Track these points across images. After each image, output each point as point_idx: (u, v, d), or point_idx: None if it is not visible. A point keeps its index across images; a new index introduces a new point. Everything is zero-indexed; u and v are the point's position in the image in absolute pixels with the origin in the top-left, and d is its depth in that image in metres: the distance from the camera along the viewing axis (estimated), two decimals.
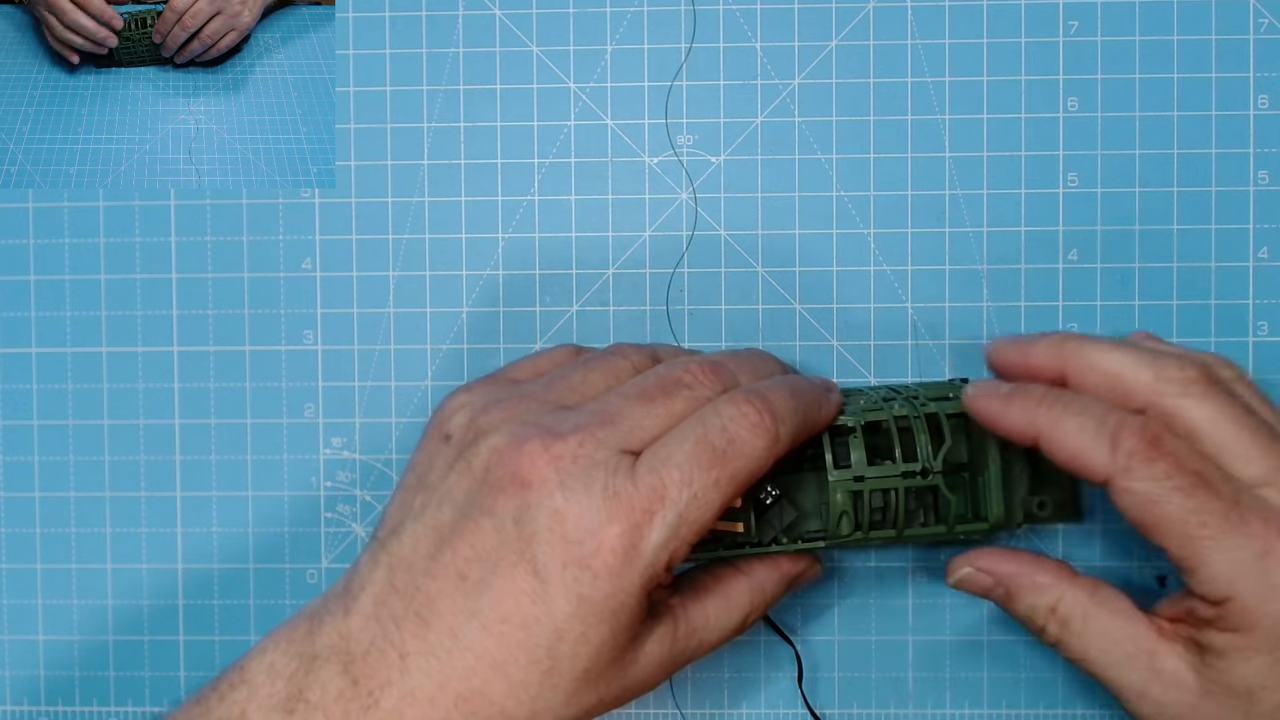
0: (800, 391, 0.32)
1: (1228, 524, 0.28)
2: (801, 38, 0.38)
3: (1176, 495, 0.28)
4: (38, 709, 0.39)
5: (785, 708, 0.38)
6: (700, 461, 0.29)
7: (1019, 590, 0.32)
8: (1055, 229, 0.38)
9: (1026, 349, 0.32)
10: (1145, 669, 0.30)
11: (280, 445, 0.39)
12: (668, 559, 0.29)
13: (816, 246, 0.38)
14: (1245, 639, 0.28)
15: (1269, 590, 0.28)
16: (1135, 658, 0.30)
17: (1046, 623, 0.31)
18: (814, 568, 0.34)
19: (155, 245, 0.39)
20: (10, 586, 0.39)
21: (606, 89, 0.38)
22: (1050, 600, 0.31)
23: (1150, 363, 0.30)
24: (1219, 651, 0.29)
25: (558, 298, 0.38)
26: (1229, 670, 0.29)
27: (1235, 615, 0.28)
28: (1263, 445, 0.29)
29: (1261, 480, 0.29)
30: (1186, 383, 0.30)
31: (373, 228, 0.38)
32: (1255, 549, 0.28)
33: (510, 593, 0.28)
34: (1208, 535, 0.28)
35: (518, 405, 0.31)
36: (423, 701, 0.28)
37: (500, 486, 0.29)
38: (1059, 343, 0.31)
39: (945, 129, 0.38)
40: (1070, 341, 0.31)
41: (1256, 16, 0.37)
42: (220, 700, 0.29)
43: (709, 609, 0.32)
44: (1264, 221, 0.37)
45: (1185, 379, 0.30)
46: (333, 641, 0.29)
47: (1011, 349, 0.32)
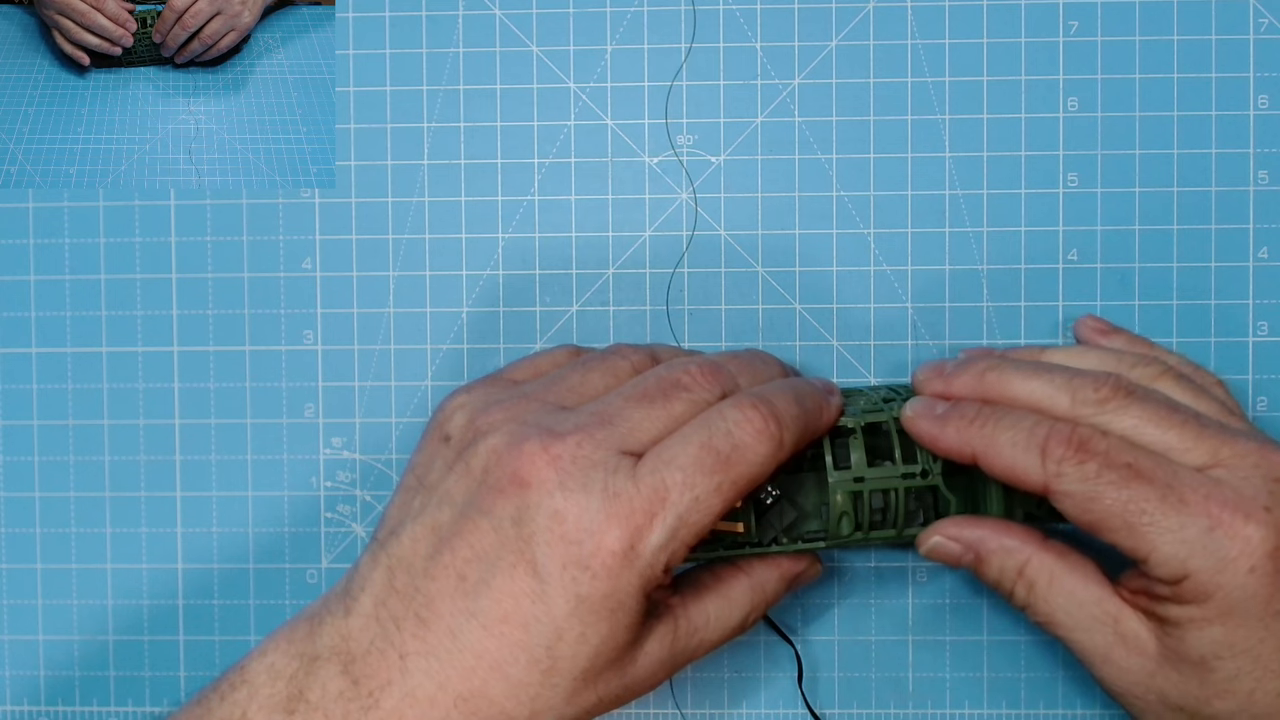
0: (804, 396, 0.32)
1: (1166, 506, 0.29)
2: (801, 38, 0.38)
3: (1110, 490, 0.29)
4: (38, 709, 0.39)
5: (785, 708, 0.38)
6: (703, 465, 0.29)
7: (988, 554, 0.32)
8: (1055, 229, 0.38)
9: (950, 380, 0.33)
10: (1111, 633, 0.31)
11: (280, 445, 0.39)
12: (666, 560, 0.29)
13: (816, 246, 0.38)
14: (1200, 610, 0.29)
15: (1219, 563, 0.29)
16: (1100, 621, 0.31)
17: (1015, 586, 0.32)
18: (814, 567, 0.34)
19: (155, 245, 0.39)
20: (10, 586, 0.39)
21: (606, 89, 0.38)
22: (1018, 562, 0.32)
23: (1065, 386, 0.31)
24: (1175, 623, 0.30)
25: (558, 298, 0.38)
26: (1185, 641, 0.29)
27: (1191, 590, 0.29)
28: (1192, 435, 0.30)
29: (1206, 465, 0.30)
30: (1101, 402, 0.31)
31: (373, 228, 0.38)
32: (1200, 525, 0.29)
33: (509, 593, 0.28)
34: (1148, 522, 0.29)
35: (517, 406, 0.31)
36: (423, 701, 0.28)
37: (499, 487, 0.29)
38: (980, 375, 0.33)
39: (945, 129, 0.38)
40: (991, 373, 0.32)
41: (1256, 16, 0.37)
42: (221, 701, 0.29)
43: (709, 608, 0.32)
44: (1264, 221, 0.37)
45: (1100, 399, 0.31)
46: (333, 642, 0.29)
47: (935, 379, 0.33)
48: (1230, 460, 0.30)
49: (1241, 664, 0.29)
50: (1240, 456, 0.30)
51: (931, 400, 0.33)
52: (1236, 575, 0.28)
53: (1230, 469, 0.30)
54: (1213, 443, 0.30)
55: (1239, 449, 0.30)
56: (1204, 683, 0.30)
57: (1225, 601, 0.29)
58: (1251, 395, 0.37)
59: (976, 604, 0.38)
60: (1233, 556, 0.28)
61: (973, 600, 0.38)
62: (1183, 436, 0.30)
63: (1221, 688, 0.29)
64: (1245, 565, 0.28)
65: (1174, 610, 0.29)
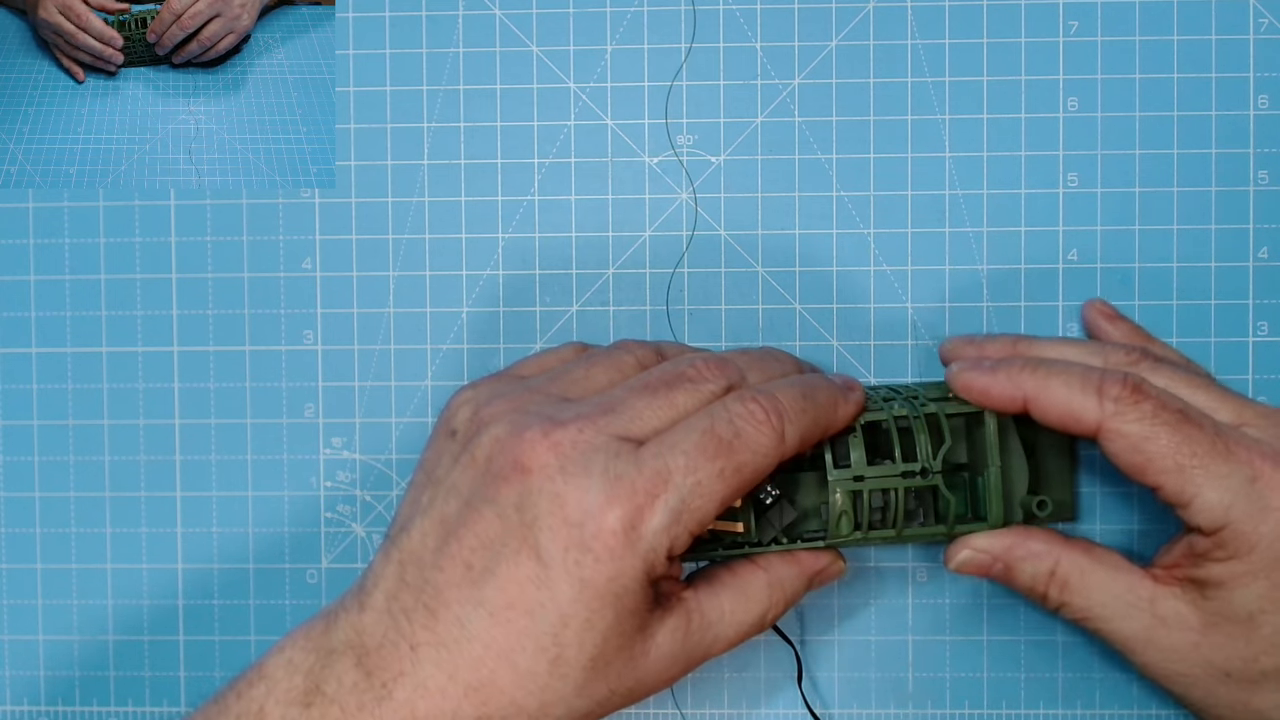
0: (813, 392, 0.32)
1: (1215, 452, 0.30)
2: (801, 38, 0.38)
3: (1164, 431, 0.30)
4: (38, 709, 0.39)
5: (785, 708, 0.38)
6: (706, 450, 0.29)
7: (1017, 562, 0.33)
8: (1055, 229, 0.38)
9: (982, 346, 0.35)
10: (1148, 616, 0.31)
11: (280, 445, 0.39)
12: (669, 544, 0.29)
13: (816, 246, 0.38)
14: (1243, 564, 0.30)
15: (1261, 512, 0.29)
16: (1136, 607, 0.31)
17: (1048, 588, 0.32)
18: (835, 564, 0.34)
19: (155, 245, 0.39)
20: (10, 586, 0.39)
21: (606, 89, 0.38)
22: (1048, 565, 0.32)
23: (1098, 351, 0.33)
24: (1217, 582, 0.30)
25: (558, 298, 0.38)
26: (1229, 599, 0.30)
27: (1231, 541, 0.30)
28: (1217, 396, 0.32)
29: (1235, 423, 0.31)
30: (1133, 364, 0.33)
31: (373, 228, 0.38)
32: (1244, 475, 0.30)
33: (514, 579, 0.28)
34: (1197, 465, 0.30)
35: (520, 398, 0.31)
36: (434, 692, 0.28)
37: (502, 475, 0.29)
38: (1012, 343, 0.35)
39: (945, 129, 0.38)
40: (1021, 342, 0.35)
41: (1256, 16, 0.37)
42: (238, 698, 0.29)
43: (724, 602, 0.32)
44: (1264, 221, 0.37)
45: (1131, 360, 0.33)
46: (348, 636, 0.29)
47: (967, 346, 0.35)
48: (1255, 420, 0.31)
49: None
50: (1263, 416, 0.31)
51: (976, 357, 0.34)
52: (1278, 526, 0.29)
53: (1258, 428, 0.31)
54: (1236, 404, 0.32)
55: (1260, 410, 0.32)
56: (1250, 640, 0.30)
57: (1269, 553, 0.29)
58: (1251, 395, 0.37)
59: (977, 604, 0.38)
60: (1275, 507, 0.29)
61: (973, 600, 0.38)
62: (1210, 397, 0.32)
63: (1270, 642, 0.30)
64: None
65: (1216, 570, 0.30)
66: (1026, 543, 0.33)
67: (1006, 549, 0.33)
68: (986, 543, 0.33)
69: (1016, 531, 0.33)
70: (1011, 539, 0.33)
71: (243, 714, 0.29)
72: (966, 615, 0.38)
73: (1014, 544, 0.33)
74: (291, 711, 0.28)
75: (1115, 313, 0.37)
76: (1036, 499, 0.34)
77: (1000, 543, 0.33)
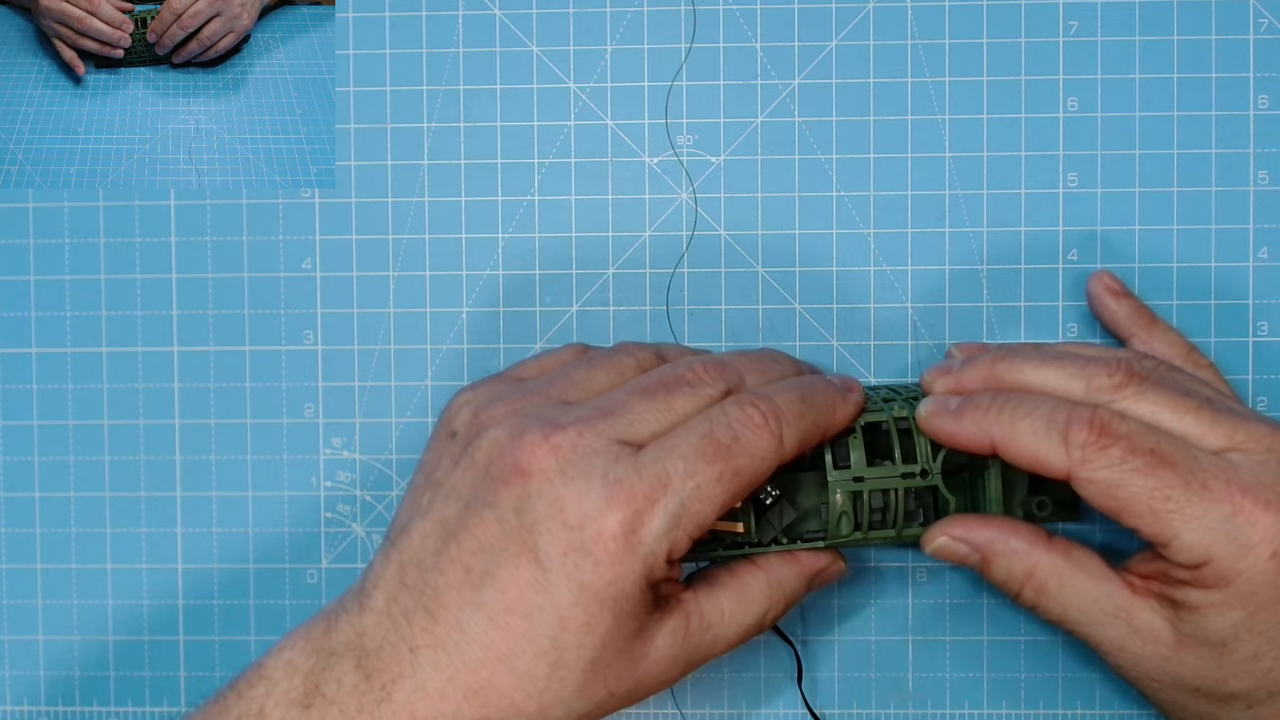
0: (811, 395, 0.32)
1: (1190, 493, 0.29)
2: (801, 38, 0.38)
3: (1135, 477, 0.29)
4: (38, 709, 0.39)
5: (785, 708, 0.38)
6: (705, 454, 0.29)
7: (994, 556, 0.32)
8: (1055, 229, 0.38)
9: (959, 376, 0.33)
10: (1123, 625, 0.31)
11: (280, 445, 0.39)
12: (669, 548, 0.29)
13: (816, 246, 0.38)
14: (1220, 595, 0.29)
15: (1240, 550, 0.29)
16: (1112, 615, 0.31)
17: (1022, 588, 0.32)
18: (836, 564, 0.34)
19: (155, 245, 0.39)
20: (10, 586, 0.39)
21: (606, 89, 0.38)
22: (1026, 566, 0.32)
23: (1079, 373, 0.31)
24: (1193, 606, 0.30)
25: (558, 298, 0.38)
26: (1203, 624, 0.30)
27: (1211, 575, 0.29)
28: (1207, 419, 0.30)
29: (1222, 449, 0.30)
30: (1116, 388, 0.31)
31: (373, 228, 0.38)
32: (1222, 512, 0.29)
33: (514, 583, 0.28)
34: (1172, 509, 0.29)
35: (520, 401, 0.31)
36: (433, 695, 0.28)
37: (502, 478, 0.29)
38: (989, 366, 0.33)
39: (945, 129, 0.38)
40: (1000, 364, 0.33)
41: (1256, 16, 0.37)
42: (239, 698, 0.29)
43: (723, 603, 0.32)
44: (1264, 221, 0.37)
45: (1114, 385, 0.31)
46: (348, 638, 0.29)
47: (944, 377, 0.33)
48: (1245, 444, 0.30)
49: (1259, 644, 0.29)
50: (1254, 440, 0.30)
51: (944, 396, 0.33)
52: (1258, 561, 0.29)
53: (1246, 453, 0.30)
54: (1227, 427, 0.30)
55: (1253, 432, 0.30)
56: (1221, 664, 0.30)
57: (1246, 586, 0.29)
58: (1252, 395, 0.37)
59: (976, 604, 0.38)
60: (1254, 543, 0.29)
61: (973, 600, 0.38)
62: (1199, 421, 0.30)
63: (1239, 668, 0.30)
64: (1266, 551, 0.29)
65: (1193, 595, 0.30)
66: (1008, 539, 0.32)
67: (987, 542, 0.32)
68: (965, 531, 0.32)
69: (1000, 524, 0.32)
70: (993, 532, 0.32)
71: (243, 714, 0.29)
72: (966, 615, 0.38)
73: (995, 538, 0.32)
74: (291, 713, 0.28)
75: (1122, 288, 0.36)
76: (1037, 499, 0.34)
77: (981, 534, 0.32)
